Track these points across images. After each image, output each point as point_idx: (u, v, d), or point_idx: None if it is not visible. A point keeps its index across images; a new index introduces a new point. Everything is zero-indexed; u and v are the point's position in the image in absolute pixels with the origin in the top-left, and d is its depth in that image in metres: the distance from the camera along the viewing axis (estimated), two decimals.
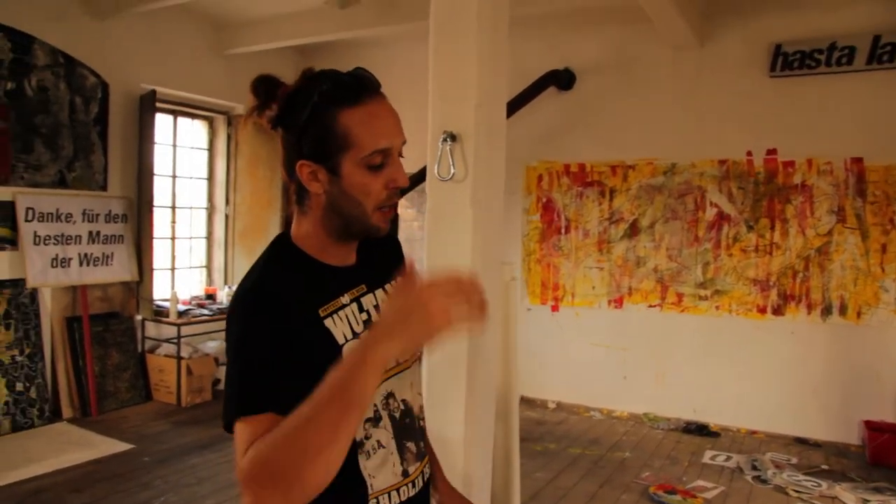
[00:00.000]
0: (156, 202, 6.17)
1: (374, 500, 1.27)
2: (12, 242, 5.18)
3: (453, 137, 2.40)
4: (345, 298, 1.29)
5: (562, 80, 6.29)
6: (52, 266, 5.33)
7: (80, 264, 5.52)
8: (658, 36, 5.80)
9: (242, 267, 7.11)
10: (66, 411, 5.40)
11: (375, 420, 1.32)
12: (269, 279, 1.24)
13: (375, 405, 1.32)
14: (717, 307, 5.74)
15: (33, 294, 5.28)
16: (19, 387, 5.11)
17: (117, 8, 5.61)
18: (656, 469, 4.74)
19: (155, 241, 6.14)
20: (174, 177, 6.74)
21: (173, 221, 6.71)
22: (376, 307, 1.34)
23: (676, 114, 5.88)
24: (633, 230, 6.06)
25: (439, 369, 2.47)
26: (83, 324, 5.52)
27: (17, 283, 5.18)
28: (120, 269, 5.80)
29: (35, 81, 5.29)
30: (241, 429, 1.10)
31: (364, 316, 1.32)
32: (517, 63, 6.41)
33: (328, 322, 1.24)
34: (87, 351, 5.50)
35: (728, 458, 4.94)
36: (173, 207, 6.73)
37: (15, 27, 5.16)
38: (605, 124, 6.18)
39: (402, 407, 1.38)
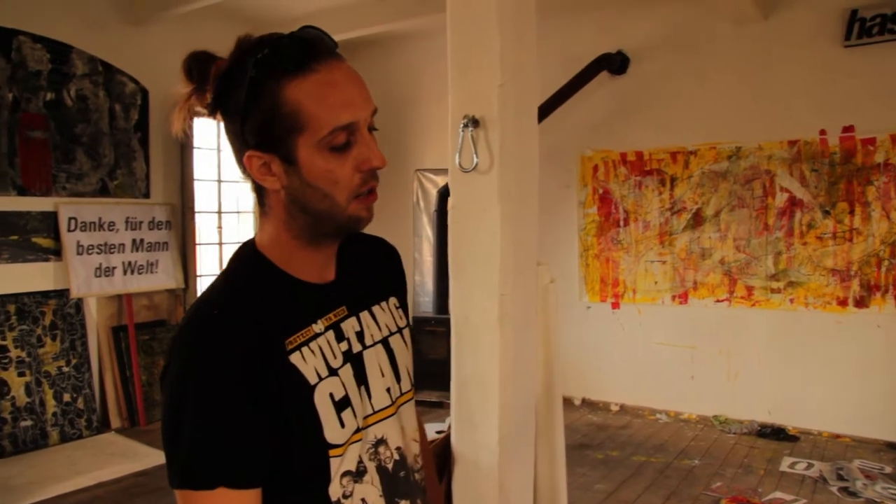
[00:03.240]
0: (201, 207, 6.08)
1: None
2: (56, 253, 5.13)
3: (475, 122, 2.12)
4: (318, 326, 1.05)
5: (615, 63, 5.93)
6: (96, 275, 5.27)
7: (125, 273, 5.45)
8: (717, 11, 5.40)
9: None
10: (115, 421, 5.34)
11: (358, 474, 1.06)
12: (229, 303, 1.00)
13: (360, 457, 1.06)
14: (791, 300, 5.30)
15: (78, 304, 5.23)
16: (67, 397, 5.07)
17: (154, 12, 5.52)
18: (728, 479, 4.36)
19: (201, 246, 6.06)
20: (219, 181, 6.64)
21: (219, 226, 6.62)
22: (359, 334, 1.11)
23: (740, 93, 5.45)
24: (696, 220, 5.66)
25: (468, 387, 2.20)
26: (129, 333, 5.45)
27: (62, 294, 5.14)
28: (165, 277, 5.72)
29: (74, 90, 5.24)
30: (185, 499, 0.92)
31: (343, 346, 1.07)
32: (566, 48, 6.12)
33: (295, 357, 1.00)
34: (134, 360, 5.43)
35: (809, 466, 4.51)
36: (219, 212, 6.63)
37: (53, 37, 5.11)
38: (663, 108, 5.79)
39: (395, 457, 1.14)
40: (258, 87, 0.94)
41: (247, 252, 1.07)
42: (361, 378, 1.09)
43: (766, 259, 5.39)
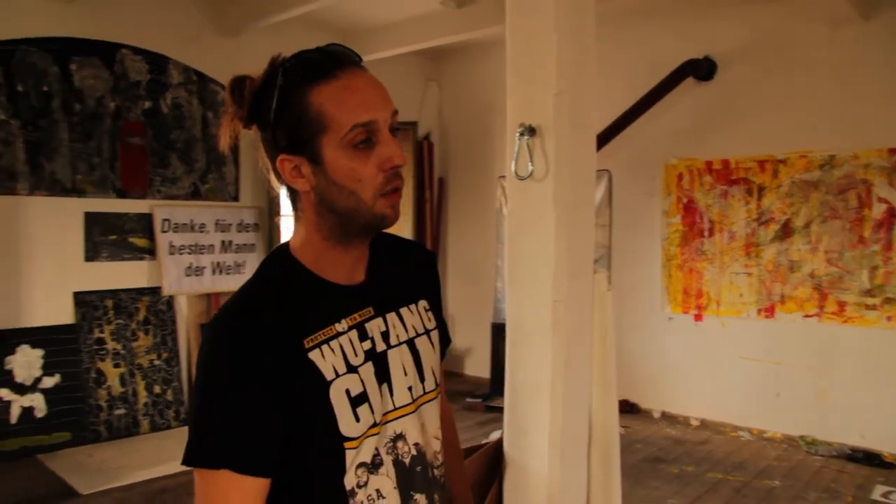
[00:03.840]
0: (286, 211, 6.29)
1: None
2: (150, 252, 5.43)
3: (532, 131, 2.13)
4: (341, 325, 1.11)
5: (701, 69, 5.78)
6: (187, 274, 5.54)
7: (213, 272, 5.70)
8: (811, 13, 5.20)
9: None
10: None
11: (374, 465, 1.12)
12: (253, 304, 1.08)
13: (377, 449, 1.12)
14: (888, 318, 5.01)
15: (170, 301, 5.51)
16: (157, 389, 5.34)
17: (245, 23, 5.76)
18: (811, 502, 4.17)
19: None
20: None
21: None
22: (384, 334, 1.16)
23: (834, 99, 5.22)
24: (784, 231, 5.45)
25: (519, 392, 2.20)
26: None
27: (155, 291, 5.43)
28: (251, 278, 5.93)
29: (170, 99, 5.53)
30: (198, 478, 1.02)
31: (367, 344, 1.13)
32: (650, 55, 6.03)
33: (314, 354, 1.06)
34: None
35: None
36: None
37: (152, 49, 5.42)
38: (751, 115, 5.61)
39: (413, 452, 1.18)
40: (287, 95, 1.03)
41: (279, 255, 1.15)
42: (384, 376, 1.14)
43: (860, 273, 5.13)
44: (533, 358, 2.16)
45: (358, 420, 1.08)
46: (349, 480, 1.08)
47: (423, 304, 1.28)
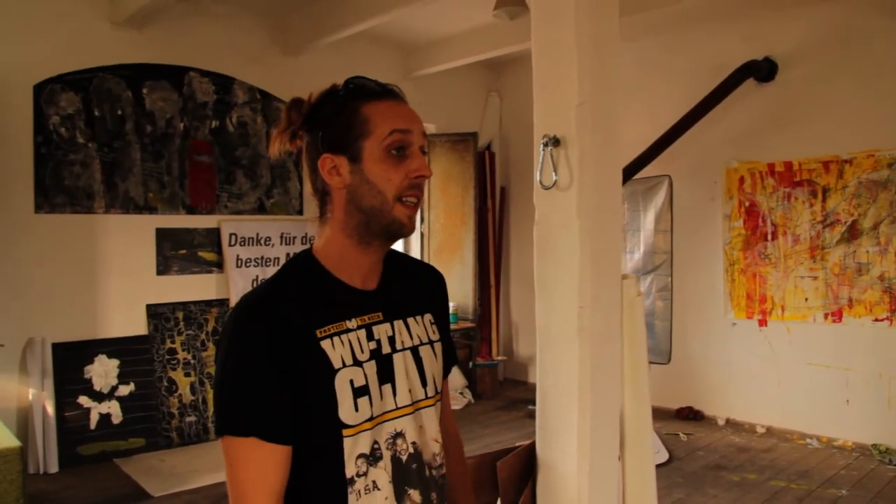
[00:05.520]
0: None
1: None
2: (218, 266, 5.68)
3: (556, 141, 2.18)
4: (351, 323, 1.24)
5: (762, 71, 5.67)
6: (253, 287, 5.74)
7: None
8: (877, 6, 5.05)
9: None
10: None
11: (374, 458, 1.23)
12: (273, 293, 1.22)
13: (377, 442, 1.23)
14: None
15: None
16: None
17: (307, 43, 5.97)
18: None
19: None
20: None
21: None
22: (391, 339, 1.28)
23: None
24: (851, 233, 5.28)
25: (549, 396, 2.25)
26: None
27: (223, 303, 5.67)
28: None
29: (235, 118, 5.78)
30: (228, 445, 1.13)
31: (373, 345, 1.25)
32: (707, 58, 5.96)
33: (325, 343, 1.19)
34: None
35: None
36: None
37: (218, 71, 5.68)
38: (815, 116, 5.47)
39: (410, 450, 1.29)
40: (344, 104, 1.24)
41: (302, 255, 1.29)
42: (387, 376, 1.26)
43: None
44: (560, 363, 2.21)
45: (357, 410, 1.19)
46: (349, 469, 1.19)
47: (428, 317, 1.39)
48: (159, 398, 5.25)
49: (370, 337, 1.25)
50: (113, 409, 5.03)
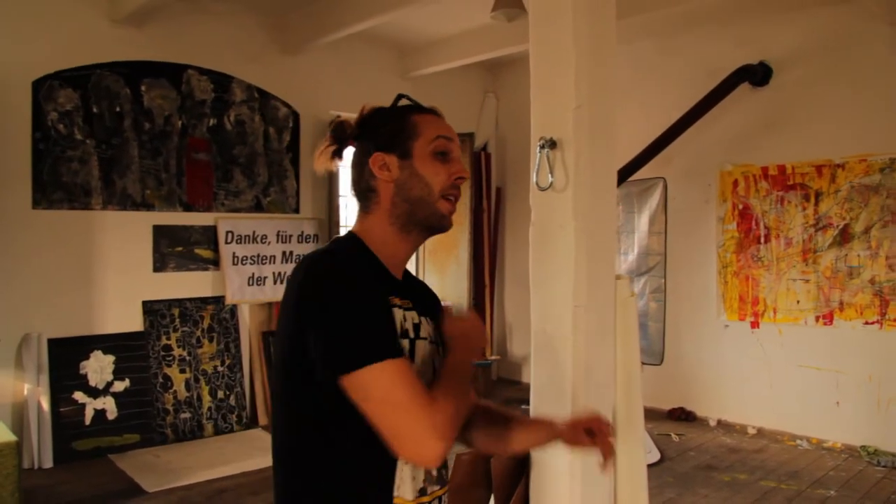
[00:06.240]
0: (346, 222, 6.50)
1: None
2: (215, 263, 5.70)
3: (552, 144, 2.22)
4: (397, 301, 1.37)
5: (756, 75, 5.72)
6: (249, 284, 5.78)
7: (275, 282, 5.93)
8: (870, 12, 5.10)
9: (432, 283, 7.26)
10: (262, 419, 5.81)
11: None
12: (356, 257, 1.36)
13: None
14: None
15: (233, 310, 5.76)
16: (221, 394, 5.59)
17: (305, 42, 5.99)
18: None
19: None
20: None
21: None
22: (416, 326, 1.40)
23: (895, 101, 5.10)
24: (843, 237, 5.33)
25: (543, 394, 2.28)
26: None
27: (219, 300, 5.69)
28: None
29: (233, 116, 5.80)
30: (366, 375, 1.18)
31: (405, 326, 1.37)
32: (703, 62, 6.01)
33: (393, 310, 1.34)
34: None
35: None
36: None
37: (216, 69, 5.70)
38: (808, 120, 5.52)
39: None
40: (397, 112, 1.43)
41: (348, 235, 1.43)
42: (412, 358, 1.36)
43: None
44: (555, 361, 2.24)
45: None
46: None
47: (432, 323, 1.48)
48: (154, 394, 5.27)
49: (405, 319, 1.36)
50: (108, 404, 5.05)
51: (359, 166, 1.41)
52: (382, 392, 1.18)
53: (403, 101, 1.47)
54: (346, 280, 1.25)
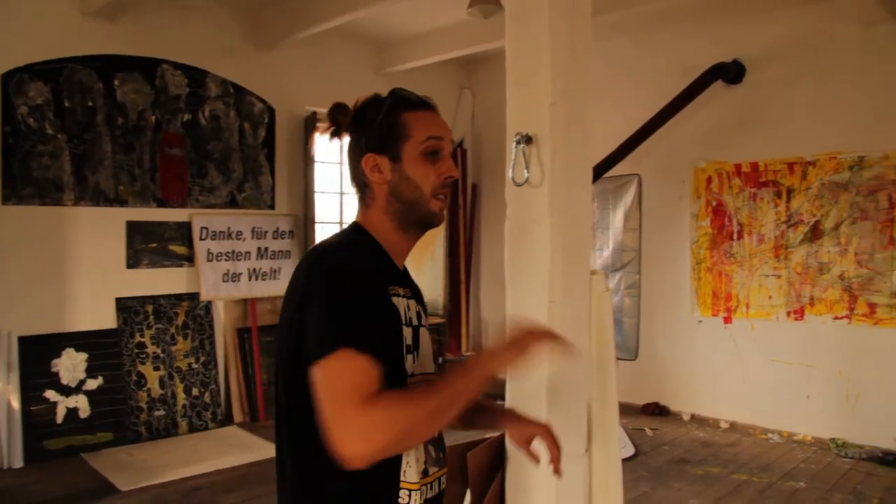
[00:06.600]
0: (322, 218, 6.48)
1: (405, 492, 1.35)
2: (189, 259, 5.65)
3: (528, 139, 2.23)
4: (401, 290, 1.41)
5: (730, 73, 5.79)
6: (224, 280, 5.74)
7: (250, 279, 5.90)
8: (841, 13, 5.18)
9: None
10: (237, 416, 5.78)
11: None
12: (356, 245, 1.40)
13: None
14: None
15: (208, 306, 5.72)
16: (195, 392, 5.55)
17: (281, 37, 5.95)
18: None
19: None
20: (342, 193, 7.02)
21: None
22: (418, 314, 1.46)
23: (865, 100, 5.19)
24: (814, 233, 5.42)
25: (520, 388, 2.30)
26: (252, 335, 5.89)
27: (194, 297, 5.65)
28: (286, 283, 6.10)
29: (208, 111, 5.75)
30: (344, 359, 1.18)
31: (409, 314, 1.41)
32: (678, 60, 6.06)
33: (395, 299, 1.37)
34: (256, 360, 5.86)
35: None
36: (341, 223, 7.00)
37: (191, 64, 5.65)
38: (780, 118, 5.60)
39: None
40: (388, 112, 1.41)
41: (356, 226, 1.46)
42: (417, 345, 1.42)
43: (891, 275, 5.08)
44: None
45: (413, 363, 1.38)
46: None
47: (424, 311, 1.54)
48: (128, 392, 5.22)
49: (408, 308, 1.40)
50: (80, 403, 4.99)
51: (353, 161, 1.44)
52: (328, 379, 1.18)
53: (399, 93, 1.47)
54: (347, 275, 1.27)
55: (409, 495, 1.34)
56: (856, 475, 4.64)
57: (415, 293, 1.48)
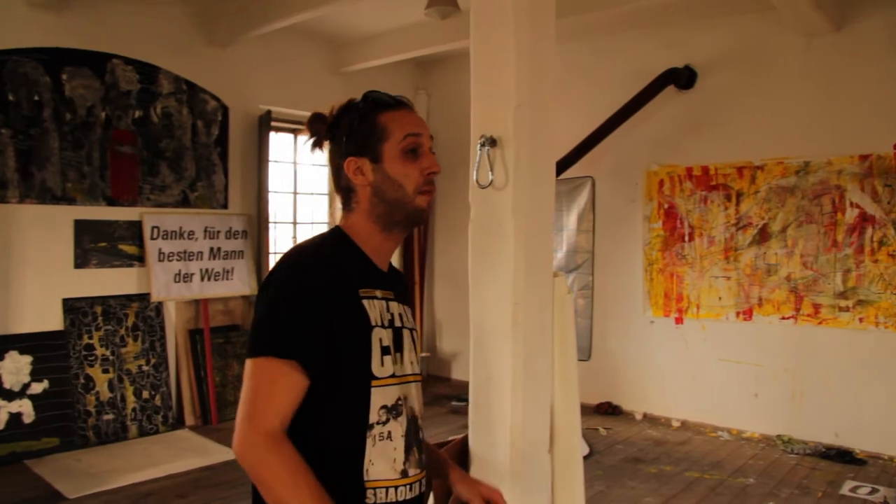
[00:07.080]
0: (277, 218, 6.40)
1: (371, 491, 1.38)
2: (140, 259, 5.53)
3: (493, 142, 2.23)
4: (378, 293, 1.44)
5: (682, 78, 5.91)
6: (176, 281, 5.63)
7: (202, 279, 5.79)
8: (787, 24, 5.32)
9: None
10: (189, 419, 5.67)
11: (396, 412, 1.43)
12: (325, 248, 1.44)
13: (400, 399, 1.44)
14: (860, 319, 5.14)
15: (158, 307, 5.60)
16: (146, 395, 5.43)
17: (235, 35, 5.86)
18: (783, 499, 4.27)
19: (274, 255, 6.36)
20: (295, 193, 6.96)
21: (294, 237, 6.92)
22: (400, 316, 1.50)
23: (809, 107, 5.35)
24: (762, 236, 5.57)
25: (483, 389, 2.30)
26: (205, 336, 5.79)
27: (144, 298, 5.52)
28: (240, 284, 6.04)
29: (160, 108, 5.63)
30: (263, 364, 1.28)
31: (388, 316, 1.45)
32: (632, 64, 6.16)
33: (366, 302, 1.40)
34: (209, 362, 5.76)
35: (873, 491, 4.37)
36: (294, 223, 6.94)
37: (142, 59, 5.52)
38: (730, 123, 5.74)
39: (410, 414, 1.49)
40: (364, 114, 1.46)
41: (335, 230, 1.50)
42: (399, 346, 1.47)
43: (834, 276, 5.25)
44: (493, 357, 2.26)
45: (382, 365, 1.40)
46: (371, 416, 1.38)
47: (409, 310, 1.58)
48: (75, 396, 5.07)
49: (387, 309, 1.45)
50: (24, 407, 4.83)
51: (336, 167, 1.48)
52: (250, 377, 1.28)
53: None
54: (296, 282, 1.33)
55: (376, 494, 1.38)
56: (801, 470, 4.78)
57: (399, 294, 1.51)
